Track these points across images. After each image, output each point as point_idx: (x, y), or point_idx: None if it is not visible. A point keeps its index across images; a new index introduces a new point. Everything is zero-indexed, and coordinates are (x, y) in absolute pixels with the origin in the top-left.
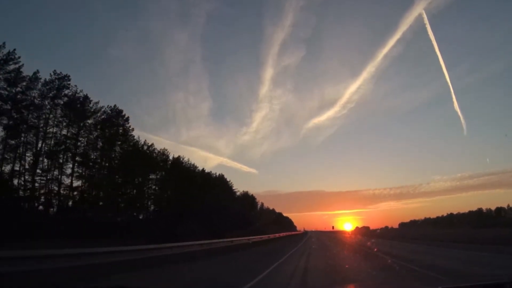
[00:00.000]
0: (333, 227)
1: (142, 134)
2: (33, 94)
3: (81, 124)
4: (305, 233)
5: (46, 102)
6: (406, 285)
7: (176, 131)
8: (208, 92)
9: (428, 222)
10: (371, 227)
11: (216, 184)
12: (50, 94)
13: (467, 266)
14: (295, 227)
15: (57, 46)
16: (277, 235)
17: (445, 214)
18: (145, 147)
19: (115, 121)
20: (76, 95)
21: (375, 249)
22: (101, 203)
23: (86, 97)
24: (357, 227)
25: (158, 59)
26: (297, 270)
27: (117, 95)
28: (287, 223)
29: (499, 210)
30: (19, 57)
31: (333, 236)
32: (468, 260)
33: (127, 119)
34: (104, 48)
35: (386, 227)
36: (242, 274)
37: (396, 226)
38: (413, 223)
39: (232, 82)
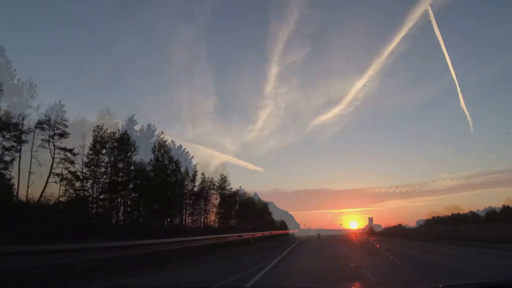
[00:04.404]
0: (367, 224)
1: None
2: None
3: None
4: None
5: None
6: (408, 284)
7: (181, 128)
8: (213, 89)
9: (453, 219)
10: (382, 226)
11: None
12: None
13: None
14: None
15: (61, 43)
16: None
17: (482, 208)
18: None
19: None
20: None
21: None
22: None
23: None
24: (367, 225)
25: (162, 56)
26: None
27: (121, 92)
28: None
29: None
30: None
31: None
32: None
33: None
34: (108, 45)
35: (400, 225)
36: None
37: (408, 223)
38: (438, 220)
39: (237, 79)
